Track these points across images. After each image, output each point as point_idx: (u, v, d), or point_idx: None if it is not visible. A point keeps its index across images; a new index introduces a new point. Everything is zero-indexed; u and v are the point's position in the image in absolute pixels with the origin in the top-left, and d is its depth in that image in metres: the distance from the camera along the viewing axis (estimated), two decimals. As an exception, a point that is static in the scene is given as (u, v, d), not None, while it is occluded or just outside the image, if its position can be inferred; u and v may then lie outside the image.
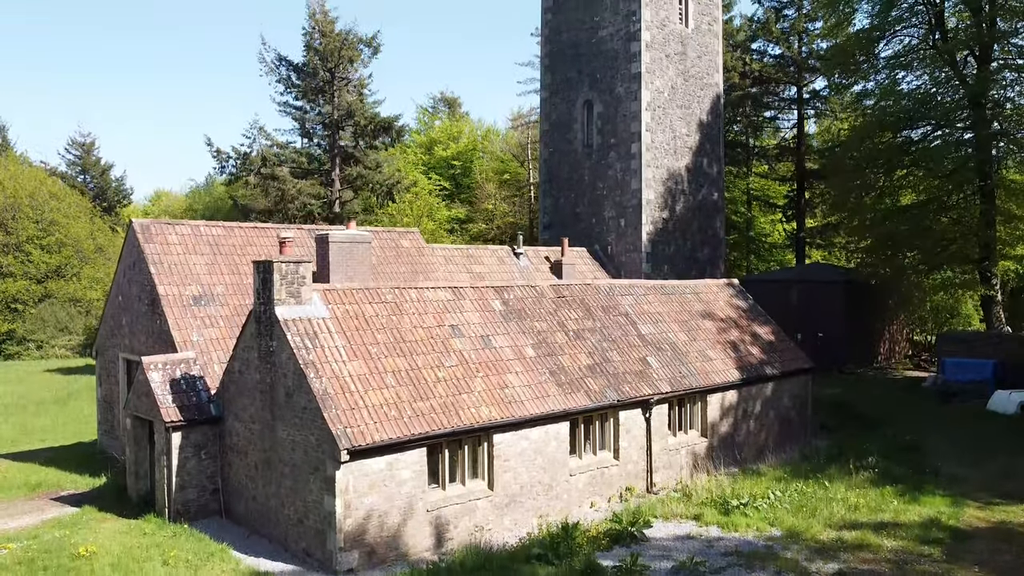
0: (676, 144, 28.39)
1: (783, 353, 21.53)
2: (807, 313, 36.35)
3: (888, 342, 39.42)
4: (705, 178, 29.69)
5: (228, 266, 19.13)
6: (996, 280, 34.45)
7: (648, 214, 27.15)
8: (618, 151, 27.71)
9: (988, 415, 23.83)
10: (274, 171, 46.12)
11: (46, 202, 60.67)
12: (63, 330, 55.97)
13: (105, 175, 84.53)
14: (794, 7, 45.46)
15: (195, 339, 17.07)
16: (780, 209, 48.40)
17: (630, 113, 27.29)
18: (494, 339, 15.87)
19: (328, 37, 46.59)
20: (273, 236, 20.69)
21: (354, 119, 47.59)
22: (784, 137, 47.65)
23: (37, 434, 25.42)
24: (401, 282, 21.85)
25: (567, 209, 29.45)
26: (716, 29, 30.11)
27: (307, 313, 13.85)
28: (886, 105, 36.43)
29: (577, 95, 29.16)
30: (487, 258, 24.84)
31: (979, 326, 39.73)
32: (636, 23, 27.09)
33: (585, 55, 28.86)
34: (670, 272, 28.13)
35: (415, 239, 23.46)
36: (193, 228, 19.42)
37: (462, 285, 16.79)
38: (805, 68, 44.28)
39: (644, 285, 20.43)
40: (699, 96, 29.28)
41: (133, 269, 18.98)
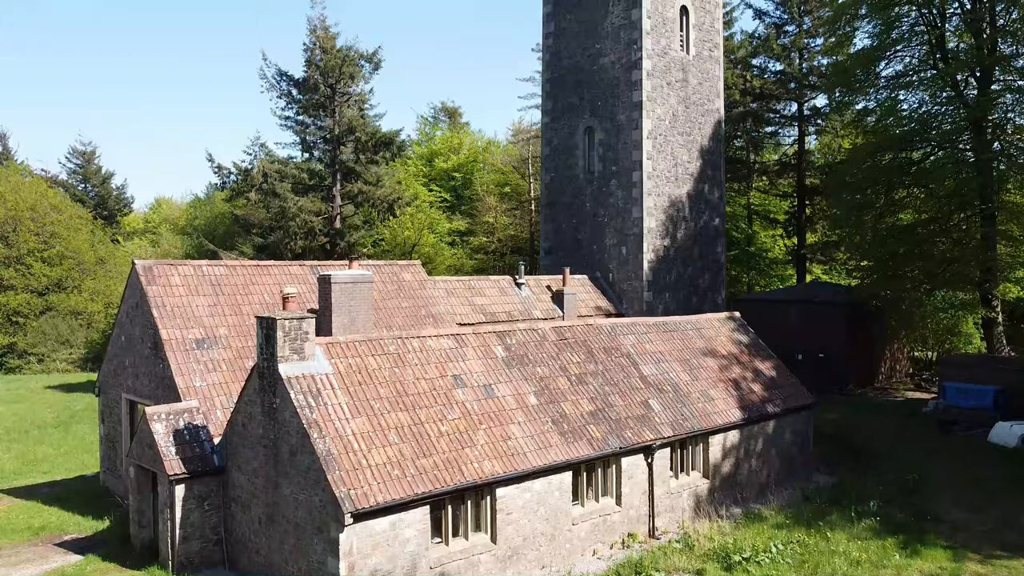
0: (677, 171, 28.40)
1: (784, 389, 21.56)
2: (808, 334, 36.40)
3: (889, 361, 39.44)
4: (706, 204, 29.72)
5: (230, 306, 19.16)
6: (997, 302, 34.48)
7: (649, 242, 27.17)
8: (619, 179, 27.73)
9: (989, 448, 23.84)
10: (275, 188, 46.20)
11: (47, 214, 60.70)
12: (64, 343, 56.03)
13: (106, 184, 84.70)
14: (795, 24, 45.51)
15: (198, 385, 17.10)
16: (781, 225, 48.41)
17: (631, 141, 27.31)
18: (496, 388, 15.90)
19: (329, 54, 46.64)
20: (275, 274, 20.74)
21: (355, 135, 47.66)
22: (785, 153, 47.66)
23: (39, 465, 25.47)
24: (403, 317, 21.93)
25: (568, 234, 29.47)
26: (717, 55, 30.13)
27: (310, 369, 13.88)
28: (887, 124, 36.51)
29: (578, 121, 29.18)
30: (489, 289, 24.88)
31: (980, 344, 39.75)
32: (637, 51, 27.11)
33: (586, 81, 28.88)
34: (671, 300, 28.16)
35: (416, 272, 23.50)
36: (195, 268, 19.44)
37: (464, 331, 16.81)
38: (806, 85, 44.30)
39: (646, 323, 20.45)
40: (700, 122, 29.31)
41: (136, 310, 19.01)
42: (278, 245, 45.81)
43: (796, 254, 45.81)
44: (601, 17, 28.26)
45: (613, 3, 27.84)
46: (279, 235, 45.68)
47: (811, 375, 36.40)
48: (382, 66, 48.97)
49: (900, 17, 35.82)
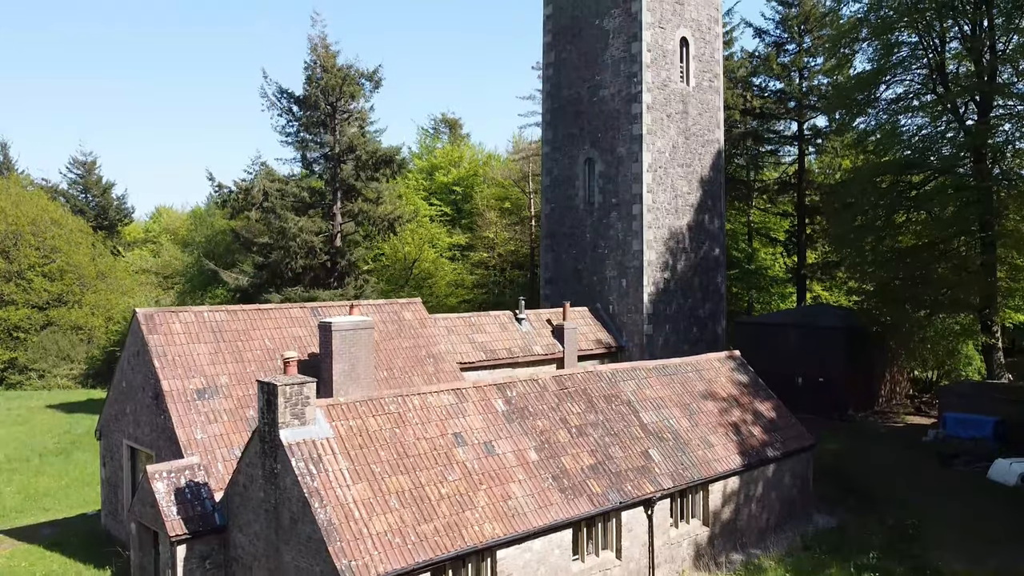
0: (677, 203, 28.44)
1: (784, 430, 21.59)
2: (808, 357, 36.45)
3: (889, 384, 39.47)
4: (706, 234, 29.75)
5: (231, 353, 19.21)
6: (997, 328, 34.52)
7: (649, 275, 27.21)
8: (619, 211, 27.77)
9: (989, 485, 23.88)
10: (275, 208, 46.22)
11: (48, 228, 60.80)
12: (65, 359, 56.09)
13: (106, 194, 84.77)
14: (795, 43, 45.53)
15: (199, 437, 17.14)
16: (781, 244, 48.43)
17: (631, 174, 27.34)
18: (497, 444, 15.94)
19: (330, 72, 46.64)
20: (275, 318, 20.78)
21: (355, 152, 47.69)
22: (785, 171, 47.67)
23: (40, 500, 25.49)
24: (404, 359, 21.96)
25: (569, 265, 29.50)
26: (717, 85, 30.16)
27: (311, 434, 13.92)
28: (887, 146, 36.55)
29: (579, 152, 29.22)
30: (489, 325, 24.91)
31: (980, 365, 39.78)
32: (637, 85, 27.14)
33: (586, 113, 28.92)
34: (671, 332, 28.20)
35: (417, 309, 23.54)
36: (196, 315, 19.48)
37: (464, 385, 16.86)
38: (806, 105, 44.33)
39: (646, 367, 20.49)
40: (700, 153, 29.34)
41: (137, 358, 19.05)
42: (278, 264, 45.84)
43: (796, 273, 45.84)
44: (601, 49, 28.30)
45: (613, 36, 27.88)
46: (279, 254, 45.70)
47: (811, 399, 36.52)
48: (382, 84, 48.99)
49: (900, 43, 35.91)
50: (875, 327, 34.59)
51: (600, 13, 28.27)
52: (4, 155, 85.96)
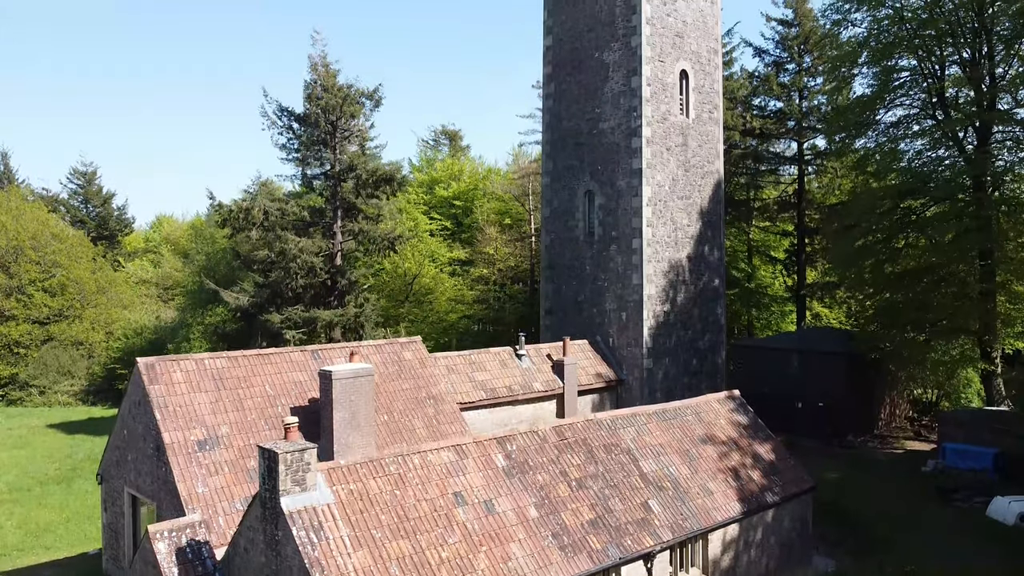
0: (677, 235, 28.48)
1: (784, 474, 21.63)
2: (808, 382, 36.54)
3: (889, 406, 39.54)
4: (706, 266, 29.79)
5: (232, 402, 19.26)
6: (997, 354, 34.55)
7: (649, 309, 27.25)
8: (619, 244, 27.81)
9: (987, 524, 23.94)
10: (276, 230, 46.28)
11: (48, 243, 60.86)
12: (66, 374, 56.13)
13: (107, 204, 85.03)
14: (794, 63, 45.58)
15: (200, 491, 17.19)
16: (781, 263, 48.48)
17: (631, 208, 27.38)
18: (497, 502, 15.98)
19: (330, 92, 46.69)
20: (276, 362, 20.83)
21: (355, 171, 47.76)
22: (785, 190, 47.71)
23: (42, 537, 25.55)
24: (404, 401, 22.00)
25: (569, 296, 29.54)
26: (717, 116, 30.20)
27: (312, 501, 13.96)
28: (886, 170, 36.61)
29: (578, 184, 29.26)
30: (489, 363, 24.95)
31: (979, 387, 39.83)
32: (637, 119, 27.18)
33: (586, 145, 28.96)
34: (671, 364, 28.24)
35: (417, 349, 23.58)
36: (197, 363, 19.53)
37: (465, 441, 16.90)
38: (806, 127, 44.38)
39: (646, 413, 20.53)
40: (700, 184, 29.38)
41: (138, 408, 19.10)
42: (279, 284, 45.90)
43: (796, 293, 45.89)
44: (601, 82, 28.34)
45: (613, 69, 27.92)
46: (279, 274, 45.77)
47: (811, 424, 36.60)
48: (383, 103, 49.04)
49: (899, 68, 35.95)
50: (874, 354, 34.60)
51: (600, 46, 28.31)
52: (5, 165, 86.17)
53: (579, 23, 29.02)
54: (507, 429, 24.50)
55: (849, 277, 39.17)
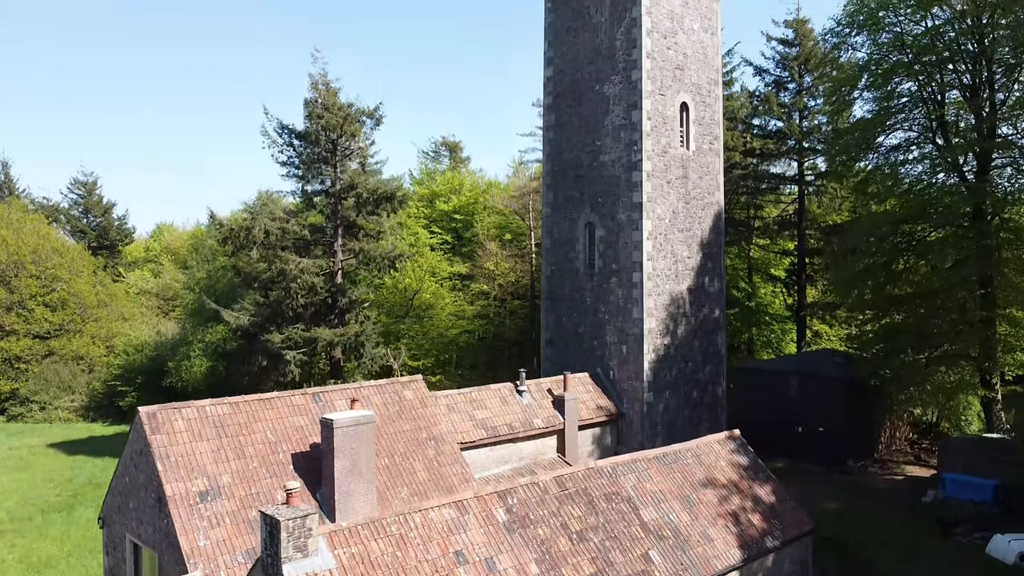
0: (677, 268, 28.53)
1: (784, 516, 21.67)
2: (808, 406, 36.59)
3: (889, 429, 39.57)
4: (706, 297, 29.83)
5: (233, 450, 19.31)
6: (996, 380, 34.59)
7: (650, 343, 27.29)
8: (620, 277, 27.85)
9: (988, 561, 23.99)
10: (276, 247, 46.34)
11: (49, 257, 60.92)
12: (66, 389, 56.19)
13: (107, 214, 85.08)
14: (795, 83, 45.60)
15: (202, 544, 17.23)
16: (781, 282, 48.51)
17: (632, 242, 27.42)
18: (498, 560, 16.02)
19: (331, 112, 46.77)
20: (277, 407, 20.86)
21: (356, 190, 47.82)
22: (785, 209, 47.72)
23: (43, 572, 25.61)
24: (405, 443, 22.01)
25: (569, 327, 29.58)
26: (717, 147, 30.23)
27: (314, 566, 14.01)
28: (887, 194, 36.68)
29: (579, 215, 29.30)
30: (490, 400, 24.99)
31: (979, 409, 39.84)
32: (637, 153, 27.22)
33: (587, 177, 29.00)
34: (671, 397, 28.29)
35: (418, 389, 23.62)
36: (199, 410, 19.58)
37: (466, 497, 16.94)
38: (806, 149, 44.40)
39: (646, 458, 20.58)
40: (700, 216, 29.42)
41: (140, 456, 19.14)
42: (279, 303, 45.93)
43: (796, 313, 45.93)
44: (601, 115, 28.38)
45: (613, 102, 27.96)
46: (280, 294, 45.80)
47: (811, 449, 36.62)
48: (383, 121, 49.07)
49: (899, 94, 35.99)
50: (873, 380, 34.64)
51: (600, 79, 28.35)
52: (5, 174, 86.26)
53: (580, 55, 29.06)
54: (508, 467, 24.67)
55: (850, 299, 39.23)
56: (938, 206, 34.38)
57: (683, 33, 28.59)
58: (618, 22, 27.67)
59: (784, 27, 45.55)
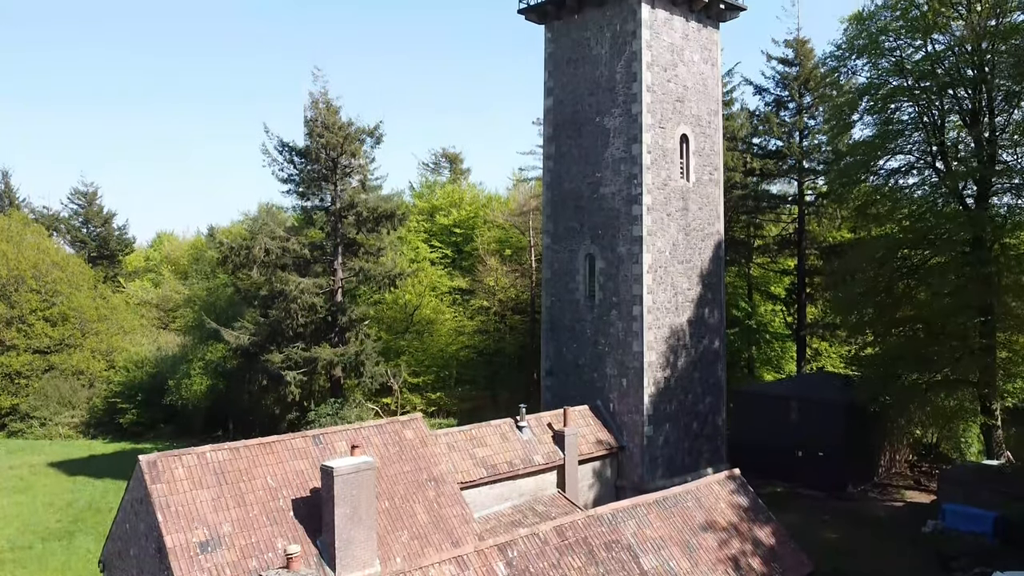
0: (678, 300, 28.54)
1: (784, 559, 21.68)
2: (808, 431, 36.58)
3: (889, 452, 39.58)
4: (706, 328, 29.85)
5: (233, 497, 19.32)
6: (997, 406, 34.59)
7: (650, 376, 27.32)
8: (620, 310, 27.86)
9: (987, 600, 24.02)
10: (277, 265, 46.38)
11: (49, 271, 60.92)
12: (66, 405, 56.17)
13: (107, 224, 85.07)
14: (795, 102, 45.59)
15: (202, 597, 17.26)
16: (781, 301, 48.51)
17: (632, 275, 27.44)
18: (498, 617, 16.05)
19: (331, 131, 46.77)
20: (278, 451, 20.88)
21: (356, 209, 47.85)
22: (785, 227, 47.70)
23: (43, 607, 25.66)
24: (405, 485, 22.01)
25: (569, 358, 29.60)
26: (717, 177, 30.25)
27: (314, 632, 14.02)
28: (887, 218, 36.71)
29: (579, 246, 29.32)
30: (490, 437, 25.01)
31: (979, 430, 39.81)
32: (638, 186, 27.23)
33: (587, 208, 29.02)
34: (671, 430, 28.32)
35: (418, 428, 23.62)
36: (199, 457, 19.60)
37: (465, 552, 16.97)
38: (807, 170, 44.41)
39: (646, 503, 20.61)
40: (700, 247, 29.44)
41: (140, 505, 19.16)
42: (279, 323, 45.94)
43: (796, 333, 45.94)
44: (601, 147, 28.40)
45: (614, 135, 27.97)
46: (280, 313, 45.80)
47: (811, 473, 36.63)
48: (383, 140, 49.09)
49: (899, 120, 36.00)
50: (874, 407, 34.64)
51: (601, 111, 28.37)
52: (6, 183, 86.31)
53: (580, 87, 29.08)
54: (508, 504, 24.70)
55: (850, 322, 39.23)
56: (938, 232, 34.39)
57: (683, 65, 28.61)
58: (618, 55, 27.69)
59: (784, 47, 45.57)
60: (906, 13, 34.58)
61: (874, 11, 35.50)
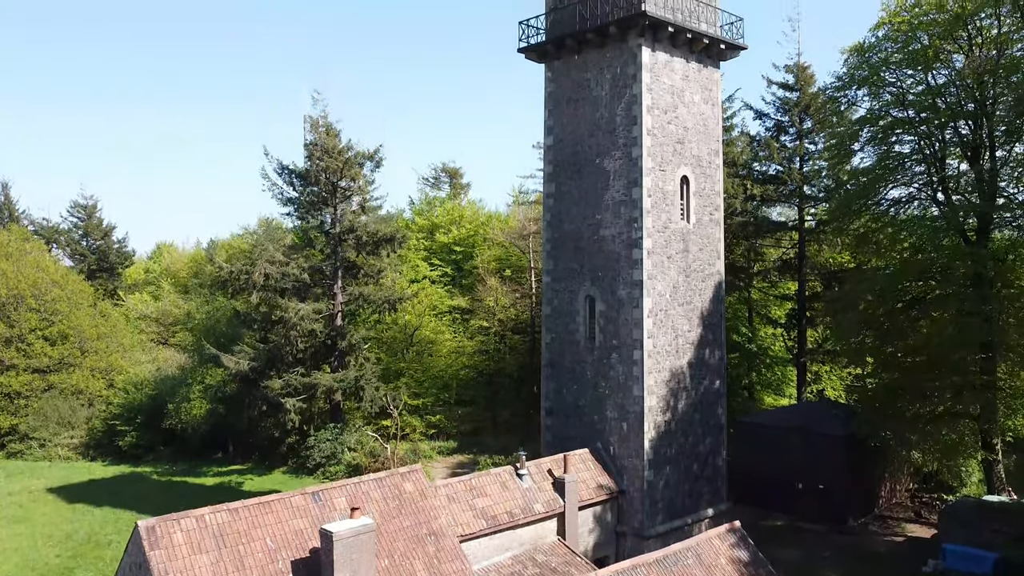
0: (678, 343, 28.47)
1: (785, 616, 21.64)
2: (808, 463, 36.55)
3: (889, 482, 39.52)
4: (707, 368, 29.78)
5: (233, 561, 19.24)
6: (998, 441, 34.50)
7: (650, 420, 27.26)
8: (620, 353, 27.79)
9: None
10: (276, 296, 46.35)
11: (48, 290, 60.80)
12: (66, 425, 56.03)
13: (107, 238, 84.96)
14: (795, 128, 45.50)
15: (201, 670, 17.19)
16: (781, 325, 48.43)
17: (632, 319, 27.36)
18: None
19: (331, 156, 46.76)
20: (277, 510, 20.78)
21: (355, 232, 47.83)
22: (786, 252, 47.59)
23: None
24: (404, 541, 21.93)
25: (570, 399, 29.55)
26: (718, 216, 30.16)
27: None
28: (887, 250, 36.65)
29: (579, 287, 29.24)
30: (490, 486, 24.94)
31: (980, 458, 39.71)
32: (638, 230, 27.14)
33: (587, 249, 28.94)
34: (672, 473, 28.26)
35: (418, 480, 23.54)
36: (198, 520, 19.51)
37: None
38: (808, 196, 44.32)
39: (646, 563, 20.53)
40: (700, 288, 29.36)
41: (139, 570, 19.07)
42: (279, 348, 45.89)
43: (797, 359, 45.87)
44: (601, 189, 28.33)
45: (614, 177, 27.90)
46: (279, 339, 45.74)
47: (812, 506, 36.58)
48: (383, 164, 49.06)
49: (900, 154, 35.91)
50: (875, 442, 34.58)
51: (601, 153, 28.30)
52: (5, 195, 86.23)
53: (580, 127, 29.01)
54: (508, 555, 24.66)
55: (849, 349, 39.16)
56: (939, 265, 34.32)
57: (684, 107, 28.54)
58: (618, 98, 27.62)
59: (784, 72, 45.48)
60: (907, 45, 34.51)
61: (875, 43, 35.43)
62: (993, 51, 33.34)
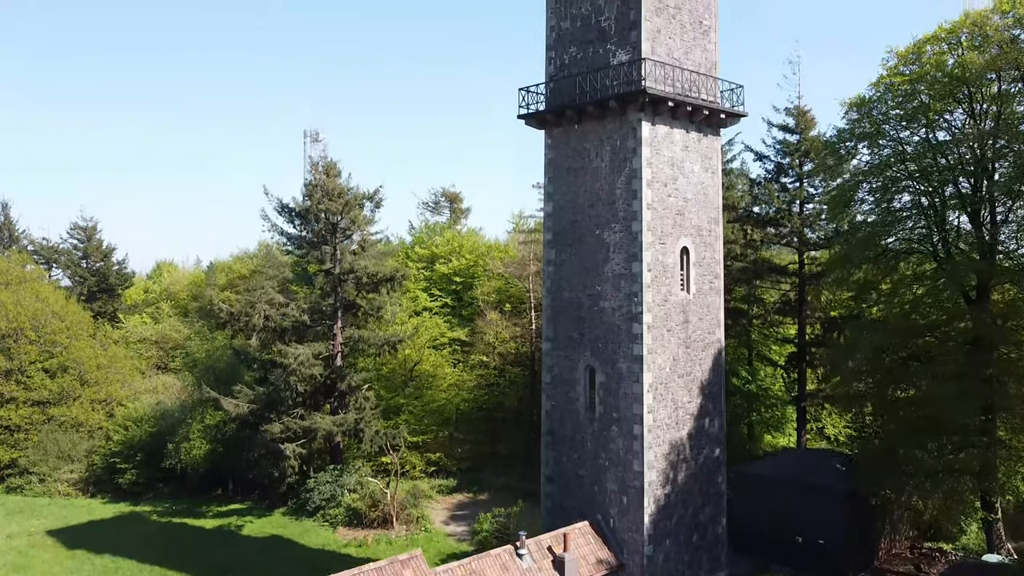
0: (678, 415, 28.47)
1: None
2: (808, 517, 36.45)
3: (889, 533, 39.47)
4: (707, 439, 29.78)
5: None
6: (997, 500, 34.49)
7: (650, 495, 27.26)
8: (620, 427, 27.78)
9: None
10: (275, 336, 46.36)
11: (48, 322, 60.72)
12: (65, 459, 55.92)
13: (107, 259, 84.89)
14: (795, 171, 45.46)
15: None
16: (781, 367, 48.42)
17: (632, 393, 27.34)
18: None
19: (332, 199, 46.76)
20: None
21: (355, 273, 47.83)
22: (786, 293, 47.54)
23: None
24: (404, 634, 22.01)
25: (570, 469, 29.56)
26: (718, 285, 30.12)
27: None
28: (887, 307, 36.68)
29: (579, 357, 29.23)
30: (490, 569, 24.91)
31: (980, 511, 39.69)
32: (638, 305, 27.11)
33: (587, 320, 28.92)
34: (672, 544, 28.27)
35: (418, 566, 23.57)
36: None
37: None
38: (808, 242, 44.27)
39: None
40: (700, 358, 29.34)
41: None
42: (278, 391, 45.80)
43: (797, 403, 45.85)
44: (602, 261, 28.30)
45: (613, 250, 27.87)
46: (279, 383, 45.61)
47: (811, 560, 36.55)
48: (383, 204, 49.06)
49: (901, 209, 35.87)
50: (875, 499, 34.56)
51: (601, 224, 28.28)
52: (5, 216, 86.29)
53: (580, 197, 28.99)
54: (507, 639, 24.56)
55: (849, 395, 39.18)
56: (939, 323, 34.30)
57: (683, 177, 28.52)
58: (618, 171, 27.60)
59: (785, 114, 45.41)
60: (908, 101, 34.47)
61: (875, 97, 35.39)
62: (993, 107, 33.33)
